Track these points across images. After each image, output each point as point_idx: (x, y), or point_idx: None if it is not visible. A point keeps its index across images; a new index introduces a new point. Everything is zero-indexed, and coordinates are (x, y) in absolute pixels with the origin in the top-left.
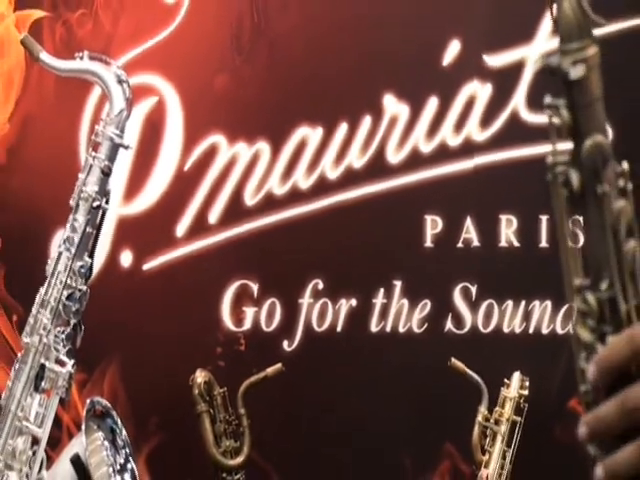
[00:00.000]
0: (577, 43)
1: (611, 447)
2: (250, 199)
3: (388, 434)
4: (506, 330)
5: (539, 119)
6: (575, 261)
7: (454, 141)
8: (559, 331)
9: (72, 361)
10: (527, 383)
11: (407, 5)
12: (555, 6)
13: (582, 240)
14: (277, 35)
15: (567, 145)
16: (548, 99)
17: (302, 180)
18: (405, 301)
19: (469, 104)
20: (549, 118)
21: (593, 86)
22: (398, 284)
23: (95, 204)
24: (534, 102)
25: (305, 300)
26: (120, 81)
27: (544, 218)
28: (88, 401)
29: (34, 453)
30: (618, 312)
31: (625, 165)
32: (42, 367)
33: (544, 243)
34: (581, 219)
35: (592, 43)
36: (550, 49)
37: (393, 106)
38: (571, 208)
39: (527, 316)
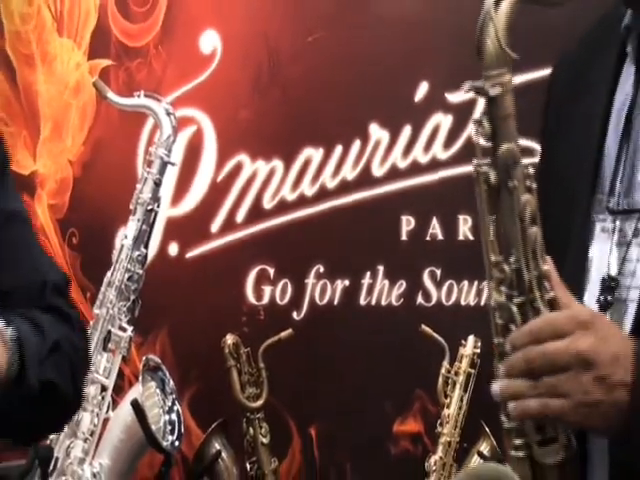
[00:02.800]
0: (496, 71)
1: None
2: (267, 204)
3: (372, 383)
4: (463, 303)
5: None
6: (492, 240)
7: (424, 159)
8: None
9: (131, 327)
10: (479, 344)
11: (388, 57)
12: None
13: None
14: (287, 79)
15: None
16: (476, 115)
17: (307, 189)
18: (386, 282)
19: (435, 131)
20: (475, 130)
21: (507, 104)
22: (381, 268)
23: (149, 207)
24: None
25: (310, 281)
26: (168, 114)
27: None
28: (144, 358)
29: (103, 398)
30: (523, 280)
31: (531, 170)
32: (109, 332)
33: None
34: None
35: (508, 72)
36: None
37: (377, 132)
38: (489, 199)
39: (479, 293)
